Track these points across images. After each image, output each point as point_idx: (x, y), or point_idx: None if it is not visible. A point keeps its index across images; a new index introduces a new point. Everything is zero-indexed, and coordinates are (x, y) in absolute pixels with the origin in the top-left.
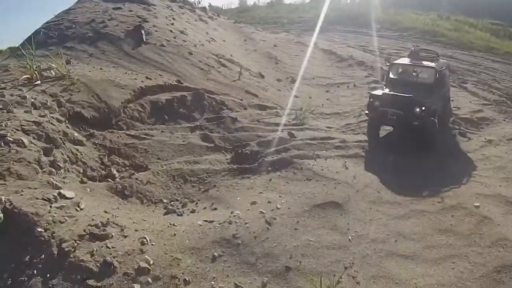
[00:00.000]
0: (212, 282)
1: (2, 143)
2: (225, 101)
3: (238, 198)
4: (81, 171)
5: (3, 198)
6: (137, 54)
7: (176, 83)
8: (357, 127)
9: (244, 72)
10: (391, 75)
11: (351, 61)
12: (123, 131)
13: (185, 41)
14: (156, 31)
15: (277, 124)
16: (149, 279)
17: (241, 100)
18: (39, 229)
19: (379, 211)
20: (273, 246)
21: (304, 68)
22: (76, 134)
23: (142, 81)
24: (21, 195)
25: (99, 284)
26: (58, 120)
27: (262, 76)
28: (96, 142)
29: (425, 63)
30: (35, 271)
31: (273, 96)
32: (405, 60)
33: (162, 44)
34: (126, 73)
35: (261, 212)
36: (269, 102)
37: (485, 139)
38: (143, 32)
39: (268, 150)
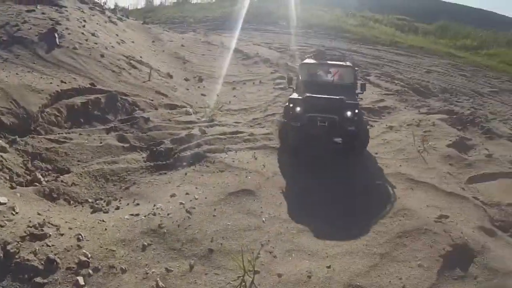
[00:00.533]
0: (146, 268)
1: None
2: (137, 102)
3: (158, 193)
4: (8, 177)
5: None
6: (51, 58)
7: (90, 86)
8: (263, 121)
9: (154, 73)
10: (302, 77)
11: (256, 58)
12: (43, 136)
13: (96, 43)
14: (69, 33)
15: (187, 122)
16: (90, 271)
17: (152, 100)
18: None
19: (289, 195)
20: (195, 232)
21: (211, 67)
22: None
23: (57, 85)
24: None
25: (45, 280)
26: None
27: (171, 76)
28: (19, 148)
29: (342, 62)
30: None
31: (182, 96)
32: (316, 61)
33: (74, 47)
34: (41, 77)
35: (181, 203)
36: (178, 102)
37: (386, 125)
38: (56, 35)
39: (181, 146)
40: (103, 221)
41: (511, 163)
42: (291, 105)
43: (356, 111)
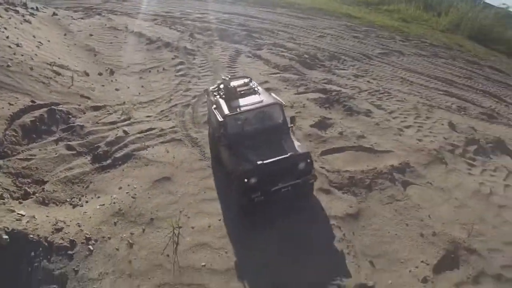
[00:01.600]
0: (120, 235)
1: None
2: (70, 110)
3: (109, 187)
4: (9, 196)
5: (1, 226)
6: None
7: (31, 103)
8: (169, 112)
9: (74, 74)
10: (230, 130)
11: (159, 42)
12: (15, 157)
13: (22, 55)
14: None
15: (111, 123)
16: (93, 241)
17: (79, 105)
18: (31, 235)
19: (192, 177)
20: (141, 210)
21: (119, 56)
22: None
23: (8, 109)
24: (4, 221)
25: (73, 251)
26: None
27: (87, 74)
28: (6, 171)
29: (265, 100)
30: (41, 257)
31: (100, 94)
32: (237, 104)
33: (8, 64)
34: None
35: (127, 192)
36: (100, 102)
37: None
38: None
39: (113, 148)
40: (86, 212)
41: (357, 138)
42: (245, 179)
43: (309, 160)
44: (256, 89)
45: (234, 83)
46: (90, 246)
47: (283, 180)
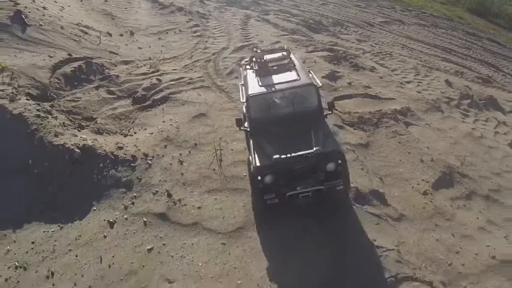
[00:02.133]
0: (170, 154)
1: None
2: (103, 63)
3: (154, 121)
4: (66, 127)
5: (72, 142)
6: (28, 37)
7: (68, 56)
8: (193, 66)
9: (100, 35)
10: (252, 114)
11: (172, 7)
12: (64, 99)
13: (50, 16)
14: (29, 12)
15: (143, 74)
16: (150, 157)
17: (110, 60)
18: (99, 151)
19: (224, 114)
20: (185, 137)
21: (136, 20)
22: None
23: (50, 60)
24: (71, 140)
25: (135, 164)
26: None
27: (110, 35)
28: (58, 109)
29: (299, 80)
30: (109, 168)
31: (126, 52)
32: (265, 83)
33: (40, 24)
34: (33, 55)
35: (171, 124)
36: (127, 57)
37: None
38: (23, 16)
39: (150, 92)
40: (138, 139)
41: (363, 88)
42: (259, 177)
43: (340, 161)
44: (293, 65)
45: (268, 56)
46: (149, 161)
47: (304, 183)
